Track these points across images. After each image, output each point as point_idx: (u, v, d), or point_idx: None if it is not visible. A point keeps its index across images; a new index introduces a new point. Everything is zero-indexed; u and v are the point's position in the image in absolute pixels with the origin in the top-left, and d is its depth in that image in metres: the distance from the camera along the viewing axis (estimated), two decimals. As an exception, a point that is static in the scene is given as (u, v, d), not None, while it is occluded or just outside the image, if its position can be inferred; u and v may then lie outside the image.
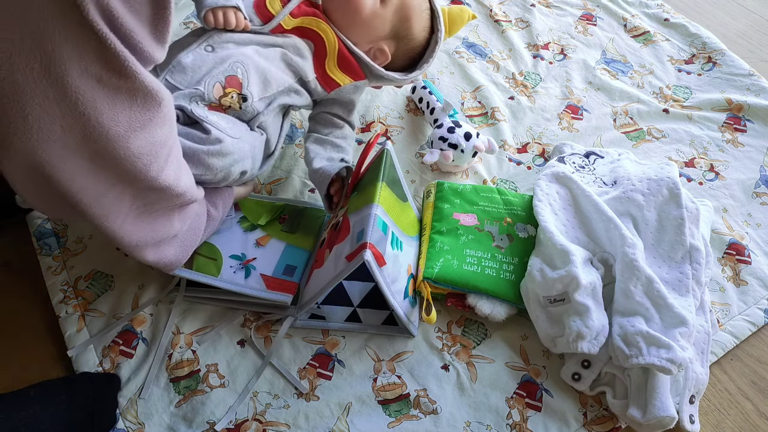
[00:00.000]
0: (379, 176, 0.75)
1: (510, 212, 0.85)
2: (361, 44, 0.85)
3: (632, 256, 0.71)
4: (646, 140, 1.02)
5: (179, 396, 0.70)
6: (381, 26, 0.84)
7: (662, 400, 0.65)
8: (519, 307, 0.76)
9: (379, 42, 0.86)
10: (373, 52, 0.86)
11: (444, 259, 0.78)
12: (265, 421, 0.68)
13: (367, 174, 0.80)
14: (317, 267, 0.76)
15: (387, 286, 0.69)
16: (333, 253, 0.73)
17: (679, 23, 1.25)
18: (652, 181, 0.80)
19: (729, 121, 1.05)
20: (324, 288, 0.70)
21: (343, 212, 0.79)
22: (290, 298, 0.75)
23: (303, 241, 0.83)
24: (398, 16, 0.84)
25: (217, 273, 0.75)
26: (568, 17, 1.27)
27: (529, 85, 1.11)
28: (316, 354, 0.74)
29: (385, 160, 0.78)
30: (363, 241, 0.67)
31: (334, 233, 0.77)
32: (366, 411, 0.70)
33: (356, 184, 0.82)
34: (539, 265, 0.75)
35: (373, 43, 0.86)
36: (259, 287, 0.75)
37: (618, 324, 0.70)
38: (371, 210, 0.71)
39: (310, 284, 0.75)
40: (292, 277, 0.77)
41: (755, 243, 0.88)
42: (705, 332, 0.73)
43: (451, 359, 0.74)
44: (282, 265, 0.79)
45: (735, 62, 1.15)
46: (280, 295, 0.74)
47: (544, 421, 0.70)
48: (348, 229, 0.73)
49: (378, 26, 0.84)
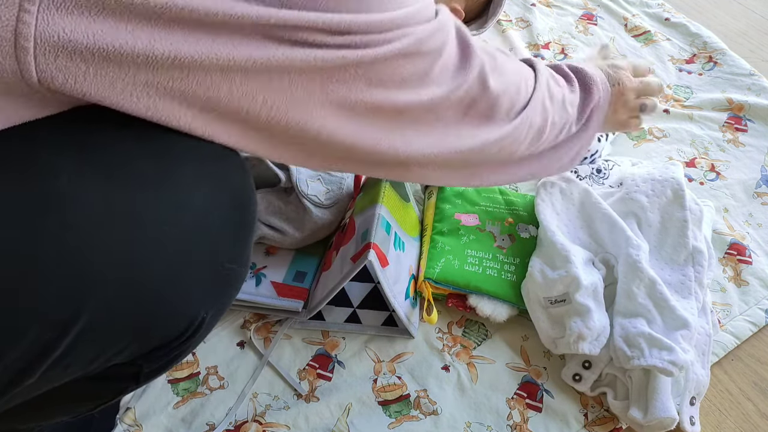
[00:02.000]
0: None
1: (512, 212, 0.84)
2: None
3: (636, 258, 0.71)
4: (647, 140, 1.02)
5: (178, 397, 0.70)
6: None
7: (663, 401, 0.65)
8: (520, 308, 0.76)
9: (450, 2, 0.86)
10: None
11: (445, 259, 0.77)
12: (265, 422, 0.68)
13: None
14: (325, 269, 0.76)
15: (389, 287, 0.69)
16: (339, 254, 0.73)
17: (680, 23, 1.25)
18: (656, 181, 0.80)
19: (730, 121, 1.05)
20: (331, 290, 0.70)
21: (349, 214, 0.79)
22: (301, 303, 0.74)
23: (312, 246, 0.82)
24: None
25: None
26: (569, 17, 1.27)
27: (529, 84, 1.11)
28: (316, 355, 0.74)
29: None
30: (367, 241, 0.67)
31: (340, 235, 0.77)
32: (366, 412, 0.69)
33: (362, 185, 0.82)
34: (540, 265, 0.75)
35: (446, 3, 0.85)
36: (270, 294, 0.75)
37: (620, 325, 0.69)
38: (375, 210, 0.71)
39: (318, 287, 0.75)
40: (303, 283, 0.77)
41: (756, 243, 0.88)
42: (706, 333, 0.73)
43: (451, 360, 0.74)
44: (292, 271, 0.78)
45: (736, 62, 1.15)
46: (292, 301, 0.74)
47: (545, 422, 0.69)
48: (353, 230, 0.73)
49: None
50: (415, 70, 0.49)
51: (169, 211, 0.41)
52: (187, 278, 0.43)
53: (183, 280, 0.42)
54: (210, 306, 0.46)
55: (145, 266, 0.40)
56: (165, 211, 0.41)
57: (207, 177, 0.44)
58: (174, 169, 0.43)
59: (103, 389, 0.49)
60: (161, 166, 0.42)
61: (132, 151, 0.41)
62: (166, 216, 0.41)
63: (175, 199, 0.41)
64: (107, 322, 0.40)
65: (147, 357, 0.45)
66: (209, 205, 0.43)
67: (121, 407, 0.68)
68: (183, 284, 0.43)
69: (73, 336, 0.38)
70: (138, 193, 0.40)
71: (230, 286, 0.48)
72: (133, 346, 0.43)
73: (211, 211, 0.44)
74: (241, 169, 0.47)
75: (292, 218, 0.78)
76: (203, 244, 0.43)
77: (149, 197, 0.40)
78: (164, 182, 0.41)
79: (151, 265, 0.40)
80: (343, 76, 0.45)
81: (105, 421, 0.67)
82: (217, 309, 0.48)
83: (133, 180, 0.40)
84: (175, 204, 0.41)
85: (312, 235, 0.79)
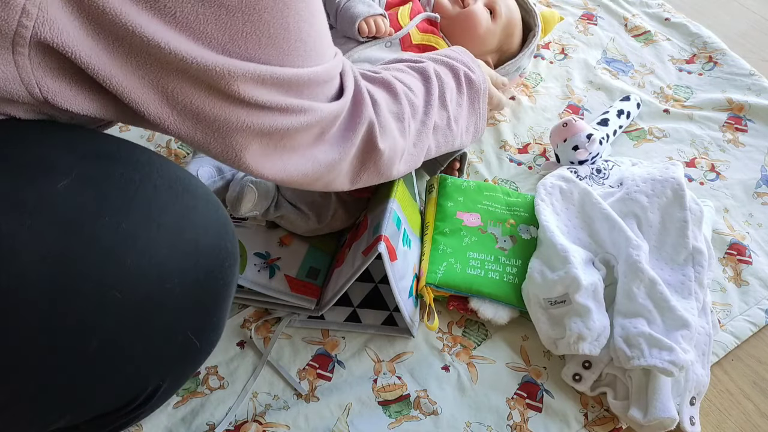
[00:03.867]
0: None
1: (513, 213, 0.84)
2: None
3: (636, 258, 0.71)
4: (647, 140, 1.02)
5: (177, 397, 0.70)
6: (491, 41, 0.95)
7: (663, 401, 0.65)
8: (522, 311, 0.76)
9: (486, 56, 0.95)
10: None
11: (447, 263, 0.77)
12: (265, 422, 0.68)
13: None
14: (338, 266, 0.75)
15: (395, 282, 0.69)
16: (352, 250, 0.73)
17: (680, 23, 1.25)
18: (656, 181, 0.80)
19: (730, 121, 1.05)
20: (342, 285, 0.69)
21: (363, 212, 0.79)
22: (314, 302, 0.74)
23: (325, 242, 0.82)
24: (505, 32, 0.96)
25: (241, 270, 0.73)
26: (569, 17, 1.27)
27: (529, 84, 1.11)
28: (316, 355, 0.74)
29: None
30: (378, 233, 0.67)
31: (354, 232, 0.77)
32: (366, 412, 0.69)
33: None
34: (539, 267, 0.75)
35: (482, 57, 0.92)
36: (284, 289, 0.74)
37: (620, 325, 0.69)
38: (388, 204, 0.71)
39: (330, 284, 0.75)
40: (316, 281, 0.77)
41: (756, 243, 0.88)
42: (706, 333, 0.73)
43: (451, 360, 0.74)
44: (306, 266, 0.77)
45: (736, 62, 1.15)
46: (304, 299, 0.74)
47: (545, 422, 0.69)
48: (366, 226, 0.73)
49: (489, 41, 0.94)
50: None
51: (121, 274, 0.37)
52: (135, 349, 0.40)
53: (129, 351, 0.40)
54: (165, 376, 0.43)
55: (83, 336, 0.37)
56: (115, 274, 0.37)
57: (171, 232, 0.40)
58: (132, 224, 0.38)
59: None
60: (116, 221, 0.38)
61: (83, 204, 0.38)
62: (115, 280, 0.37)
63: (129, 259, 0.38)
64: (36, 392, 0.37)
65: (87, 424, 0.43)
66: (172, 267, 0.40)
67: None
68: (128, 356, 0.40)
69: (3, 402, 0.36)
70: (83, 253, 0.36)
71: (192, 357, 0.45)
72: (66, 416, 0.40)
73: (174, 275, 0.40)
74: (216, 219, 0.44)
75: (318, 203, 0.78)
76: (159, 313, 0.40)
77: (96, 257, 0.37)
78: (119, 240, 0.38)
79: (89, 335, 0.37)
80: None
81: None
82: (175, 379, 0.45)
83: (80, 238, 0.37)
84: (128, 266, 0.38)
85: (328, 224, 0.79)
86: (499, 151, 0.99)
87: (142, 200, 0.40)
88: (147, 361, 0.41)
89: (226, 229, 0.46)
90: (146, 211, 0.40)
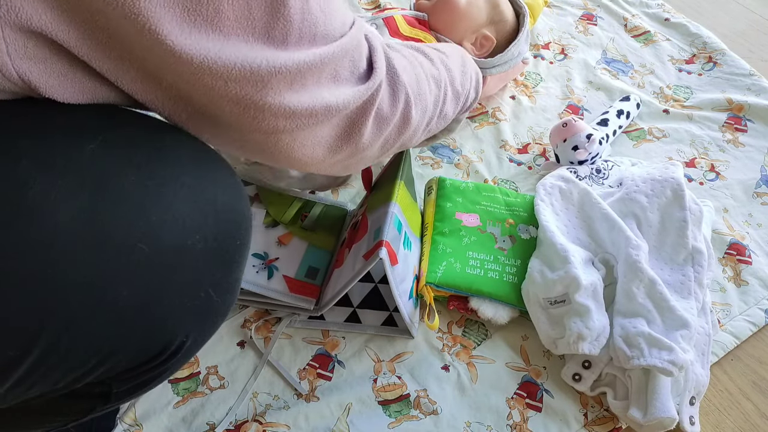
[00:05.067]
0: (398, 175, 0.75)
1: (512, 213, 0.84)
2: (468, 37, 0.93)
3: (636, 258, 0.71)
4: (647, 140, 1.02)
5: (178, 397, 0.70)
6: (478, 14, 0.94)
7: (663, 401, 0.65)
8: (522, 310, 0.76)
9: (481, 29, 0.94)
10: (479, 41, 0.94)
11: (447, 263, 0.77)
12: (265, 422, 0.68)
13: (386, 172, 0.80)
14: (337, 267, 0.75)
15: (396, 286, 0.69)
16: (352, 252, 0.72)
17: (680, 23, 1.25)
18: (656, 181, 0.80)
19: (729, 121, 1.05)
20: (343, 288, 0.69)
21: (362, 211, 0.79)
22: (313, 302, 0.74)
23: (324, 240, 0.82)
24: (489, 2, 0.95)
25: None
26: (569, 17, 1.27)
27: (529, 84, 1.11)
28: (316, 354, 0.74)
29: (404, 159, 0.78)
30: (380, 239, 0.67)
31: (353, 232, 0.77)
32: (366, 412, 0.69)
33: (375, 182, 0.82)
34: (539, 266, 0.75)
35: (477, 32, 0.93)
36: (282, 290, 0.74)
37: (619, 325, 0.69)
38: (389, 208, 0.71)
39: (330, 284, 0.74)
40: (315, 280, 0.76)
41: (756, 243, 0.88)
42: (706, 333, 0.73)
43: (451, 360, 0.74)
44: (305, 266, 0.77)
45: (735, 62, 1.15)
46: (303, 299, 0.73)
47: (545, 422, 0.69)
48: (366, 228, 0.73)
49: (475, 14, 0.93)
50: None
51: (147, 228, 0.39)
52: (162, 301, 0.41)
53: (156, 303, 0.41)
54: (189, 331, 0.44)
55: (114, 287, 0.38)
56: (142, 228, 0.39)
57: (192, 191, 0.42)
58: (156, 183, 0.41)
59: (70, 407, 0.48)
60: (141, 180, 0.40)
61: (111, 164, 0.40)
62: (141, 234, 0.39)
63: (155, 215, 0.40)
64: (71, 342, 0.38)
65: (117, 378, 0.44)
66: (193, 224, 0.42)
67: (122, 407, 0.68)
68: (155, 307, 0.41)
69: (37, 355, 0.37)
70: (112, 209, 0.39)
71: (213, 314, 0.46)
72: (100, 367, 0.42)
73: (195, 231, 0.42)
74: (232, 183, 0.46)
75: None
76: (182, 267, 0.42)
77: (123, 212, 0.39)
78: (144, 197, 0.40)
79: (120, 286, 0.39)
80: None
81: (105, 421, 0.67)
82: (199, 335, 0.46)
83: (109, 195, 0.39)
84: (154, 221, 0.40)
85: (308, 178, 0.80)
86: (499, 150, 0.99)
87: (165, 162, 0.42)
88: (173, 314, 0.43)
89: (242, 193, 0.47)
90: (169, 172, 0.42)
